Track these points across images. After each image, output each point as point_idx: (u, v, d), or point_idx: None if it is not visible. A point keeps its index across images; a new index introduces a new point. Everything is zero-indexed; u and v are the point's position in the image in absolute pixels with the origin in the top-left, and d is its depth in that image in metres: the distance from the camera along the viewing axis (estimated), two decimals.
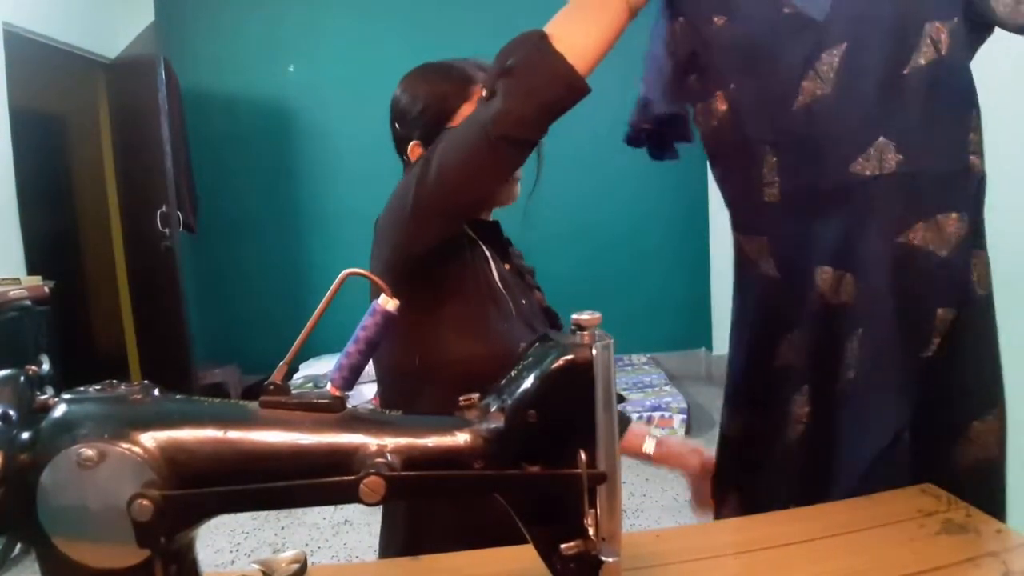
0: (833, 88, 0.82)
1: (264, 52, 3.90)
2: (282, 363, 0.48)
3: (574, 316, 0.50)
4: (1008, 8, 0.76)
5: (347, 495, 0.45)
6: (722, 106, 0.89)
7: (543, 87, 0.71)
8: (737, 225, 0.94)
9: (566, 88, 0.71)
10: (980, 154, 0.82)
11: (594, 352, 0.48)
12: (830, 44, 0.82)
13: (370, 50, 3.83)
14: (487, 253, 0.93)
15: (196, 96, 3.76)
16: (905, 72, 0.79)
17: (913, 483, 0.82)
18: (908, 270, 0.81)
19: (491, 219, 1.00)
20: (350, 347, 0.50)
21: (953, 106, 0.81)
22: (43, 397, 0.47)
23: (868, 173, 0.81)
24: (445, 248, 0.84)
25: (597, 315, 0.49)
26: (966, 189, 0.82)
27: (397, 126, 0.95)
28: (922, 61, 0.79)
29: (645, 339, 4.12)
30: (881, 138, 0.80)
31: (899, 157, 0.80)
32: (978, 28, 0.80)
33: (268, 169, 3.99)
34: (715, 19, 0.86)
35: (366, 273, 0.51)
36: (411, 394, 0.89)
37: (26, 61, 2.92)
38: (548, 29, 0.73)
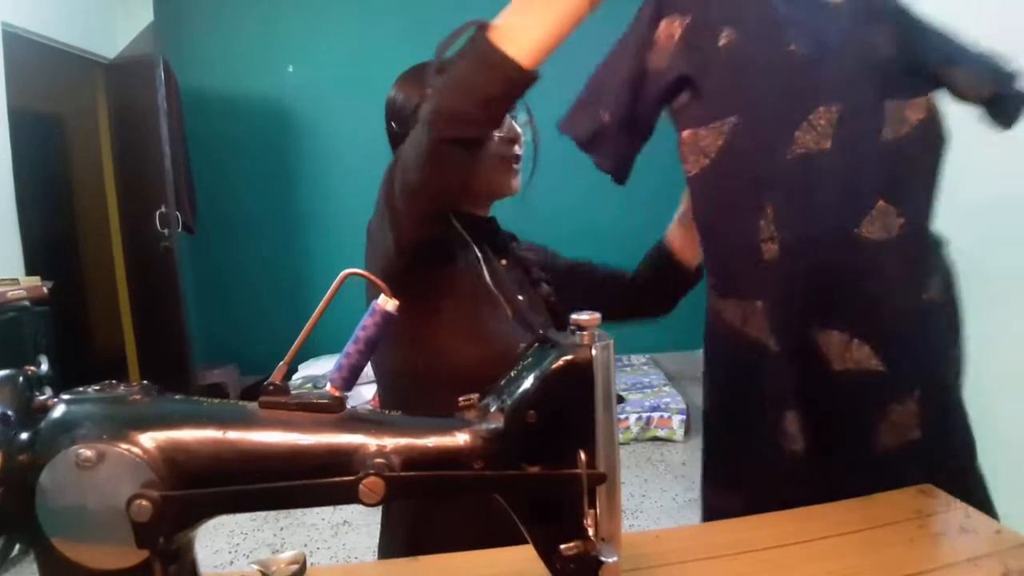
0: (833, 144, 0.79)
1: (263, 52, 3.89)
2: (281, 363, 0.48)
3: (573, 316, 0.50)
4: (969, 88, 0.81)
5: (346, 496, 0.44)
6: (718, 140, 0.80)
7: (477, 80, 0.67)
8: (724, 288, 0.84)
9: (502, 79, 0.67)
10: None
11: (594, 352, 0.48)
12: (828, 99, 0.79)
13: (369, 50, 3.83)
14: (478, 253, 0.91)
15: (195, 96, 3.76)
16: (894, 138, 0.80)
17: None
18: (936, 322, 0.83)
19: (487, 214, 0.99)
20: (349, 347, 0.50)
21: (935, 164, 0.83)
22: (42, 398, 0.47)
23: (876, 238, 0.79)
24: (432, 249, 0.83)
25: (596, 315, 0.49)
26: (935, 238, 0.85)
27: (393, 126, 0.95)
28: (907, 129, 0.80)
29: (644, 339, 4.12)
30: (881, 202, 0.80)
31: (901, 220, 0.80)
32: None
33: (267, 169, 3.99)
34: (724, 32, 0.79)
35: (366, 273, 0.51)
36: (407, 396, 0.88)
37: (25, 61, 2.92)
38: (495, 20, 0.68)
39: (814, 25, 0.81)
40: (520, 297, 0.93)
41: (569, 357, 0.48)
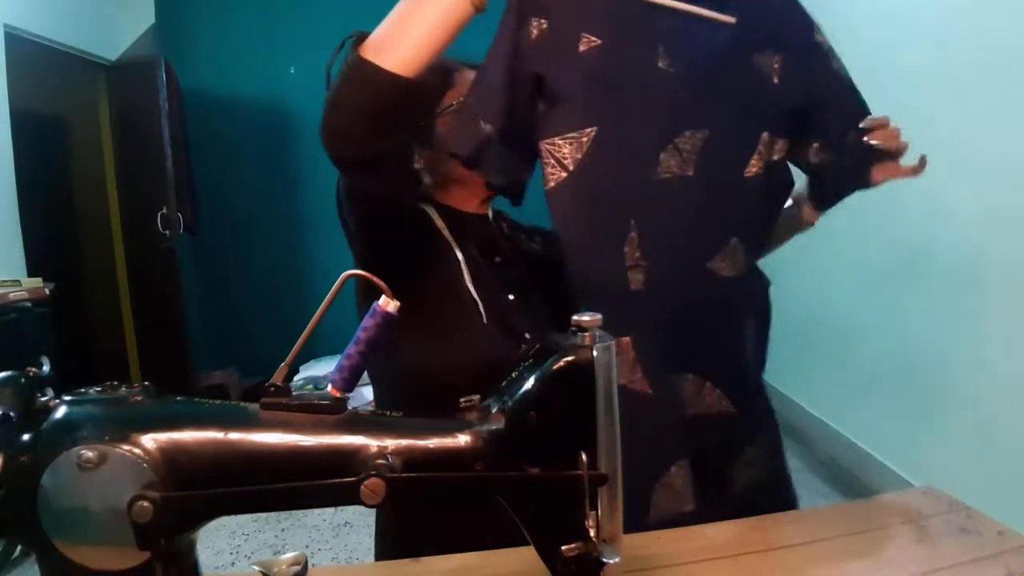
0: (696, 173, 0.75)
1: (265, 54, 3.90)
2: (283, 364, 0.48)
3: (574, 317, 0.50)
4: (807, 154, 0.83)
5: (348, 497, 0.44)
6: (577, 153, 0.73)
7: (348, 96, 0.65)
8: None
9: (372, 93, 0.64)
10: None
11: (595, 353, 0.48)
12: (695, 123, 0.75)
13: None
14: (459, 255, 0.88)
15: (197, 98, 3.76)
16: (747, 175, 0.78)
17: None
18: (750, 360, 0.82)
19: (484, 212, 0.96)
20: (350, 349, 0.50)
21: (778, 203, 0.85)
22: (43, 399, 0.47)
23: (726, 274, 0.77)
24: (404, 252, 0.83)
25: (598, 316, 0.49)
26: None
27: None
28: (757, 169, 0.78)
29: None
30: (734, 239, 0.77)
31: (746, 259, 0.79)
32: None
33: (269, 171, 3.99)
34: (584, 37, 0.71)
35: (366, 274, 0.51)
36: (392, 396, 0.89)
37: (27, 63, 2.92)
38: (370, 35, 0.66)
39: (691, 46, 0.75)
40: (511, 297, 0.90)
41: (570, 358, 0.48)
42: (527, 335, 0.86)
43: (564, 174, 0.73)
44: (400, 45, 0.63)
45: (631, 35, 0.73)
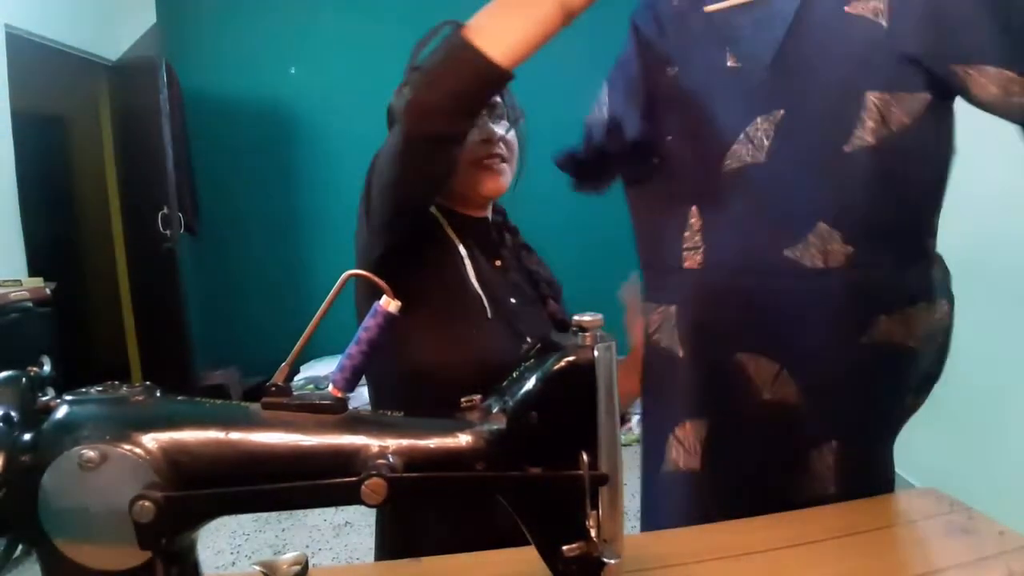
0: (768, 158, 0.73)
1: (266, 54, 3.90)
2: (284, 364, 0.48)
3: (576, 317, 0.50)
4: (997, 98, 0.63)
5: (349, 496, 0.44)
6: (655, 158, 0.82)
7: (449, 75, 0.69)
8: (647, 291, 0.85)
9: (474, 75, 0.68)
10: (935, 235, 0.74)
11: (596, 353, 0.48)
12: (767, 108, 0.74)
13: (372, 52, 3.83)
14: (462, 251, 0.90)
15: (198, 98, 3.76)
16: (847, 149, 0.69)
17: None
18: (875, 368, 0.73)
19: (483, 214, 0.97)
20: (352, 348, 0.50)
21: (915, 189, 0.70)
22: (44, 398, 0.47)
23: (809, 264, 0.71)
24: (409, 248, 0.83)
25: (599, 317, 0.49)
26: (928, 275, 0.74)
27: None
28: (868, 138, 0.67)
29: None
30: (822, 224, 0.70)
31: (848, 249, 0.70)
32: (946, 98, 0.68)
33: (269, 171, 3.99)
34: (668, 70, 0.81)
35: (367, 274, 0.51)
36: (390, 396, 0.88)
37: (28, 63, 2.93)
38: (470, 22, 0.69)
39: (757, 34, 0.75)
40: (512, 300, 0.92)
41: (571, 358, 0.48)
42: (528, 340, 0.86)
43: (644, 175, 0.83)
44: (503, 38, 0.68)
45: (701, 51, 0.79)
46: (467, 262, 0.89)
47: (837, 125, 0.69)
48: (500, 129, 0.91)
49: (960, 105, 0.69)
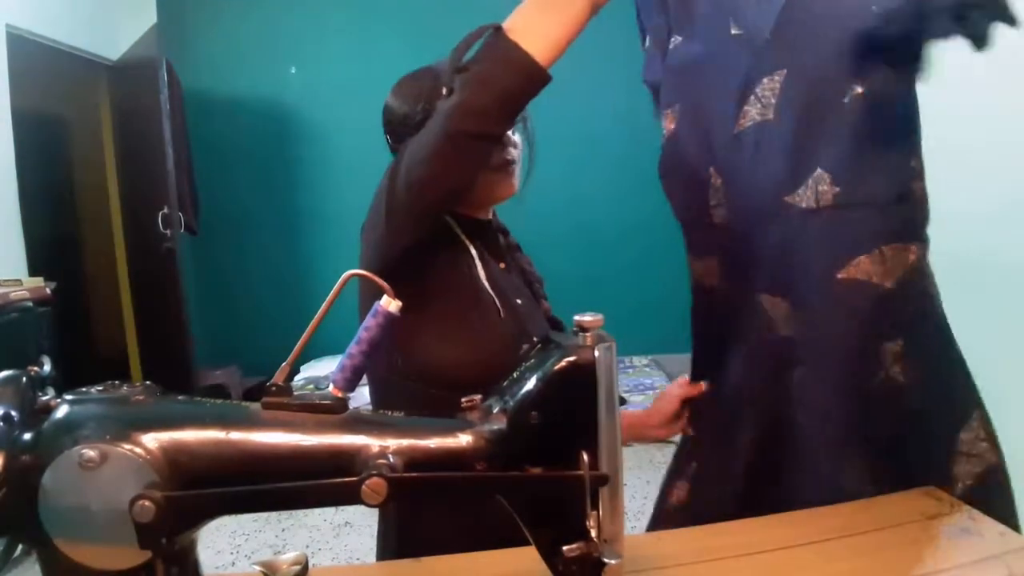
0: (775, 114, 0.81)
1: (266, 54, 3.90)
2: (284, 364, 0.48)
3: (576, 317, 0.50)
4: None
5: (349, 496, 0.44)
6: (671, 125, 0.90)
7: (499, 76, 0.70)
8: (689, 245, 0.94)
9: (524, 76, 0.70)
10: (922, 178, 0.80)
11: (596, 354, 0.48)
12: (770, 69, 0.81)
13: (372, 52, 3.83)
14: (474, 253, 0.91)
15: (198, 98, 3.76)
16: (845, 100, 0.77)
17: None
18: (851, 305, 0.79)
19: (488, 217, 0.98)
20: (352, 348, 0.50)
21: (891, 133, 0.79)
22: (45, 398, 0.47)
23: (804, 205, 0.80)
24: (424, 248, 0.83)
25: (599, 317, 0.49)
26: (910, 217, 0.80)
27: (389, 136, 0.95)
28: (859, 89, 0.77)
29: (647, 341, 4.11)
30: (818, 169, 0.79)
31: (835, 189, 0.78)
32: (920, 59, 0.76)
33: (269, 171, 4.00)
34: (673, 38, 0.89)
35: (368, 274, 0.51)
36: (394, 395, 0.88)
37: (29, 63, 2.93)
38: (506, 22, 0.72)
39: (759, 3, 0.83)
40: (519, 301, 0.93)
41: (572, 358, 0.48)
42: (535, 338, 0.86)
43: (666, 137, 0.92)
44: (542, 39, 0.70)
45: (705, 21, 0.87)
46: (478, 263, 0.90)
47: (835, 80, 0.78)
48: (513, 133, 0.93)
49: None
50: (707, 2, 0.87)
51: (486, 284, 0.89)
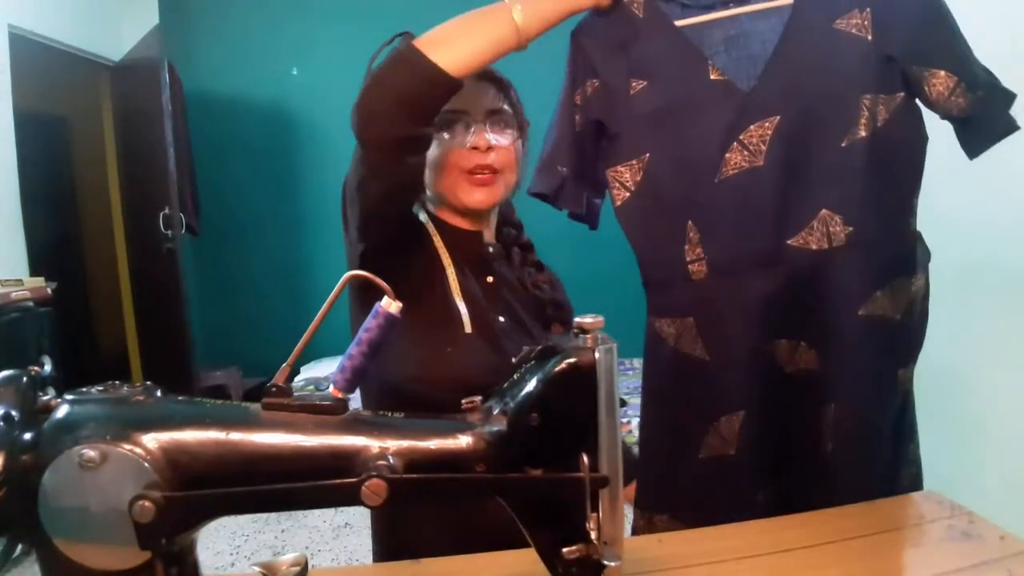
0: (766, 161, 0.80)
1: (267, 55, 3.90)
2: (284, 365, 0.48)
3: (577, 319, 0.50)
4: (941, 97, 0.79)
5: (349, 497, 0.44)
6: (636, 176, 0.85)
7: (393, 78, 0.71)
8: (659, 307, 0.87)
9: (420, 79, 0.70)
10: (915, 214, 0.84)
11: (597, 355, 0.48)
12: (760, 116, 0.80)
13: (372, 54, 3.84)
14: (448, 263, 0.87)
15: (199, 99, 3.76)
16: (844, 144, 0.79)
17: None
18: (875, 340, 0.81)
19: (477, 228, 0.94)
20: (352, 349, 0.50)
21: (898, 174, 0.81)
22: (45, 398, 0.47)
23: (815, 247, 0.80)
24: (396, 254, 0.83)
25: (600, 319, 0.49)
26: (913, 250, 0.84)
27: None
28: (862, 133, 0.79)
29: None
30: (824, 211, 0.80)
31: (848, 229, 0.79)
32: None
33: (271, 172, 4.00)
34: (633, 82, 0.84)
35: (370, 276, 0.51)
36: (372, 404, 0.87)
37: (31, 63, 2.93)
38: (423, 34, 0.73)
39: (745, 45, 0.82)
40: (501, 319, 0.88)
41: (572, 360, 0.48)
42: (513, 360, 0.84)
43: (627, 194, 0.86)
44: (451, 49, 0.72)
45: (677, 64, 0.83)
46: (451, 275, 0.87)
47: (836, 124, 0.80)
48: (503, 139, 0.88)
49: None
50: (678, 46, 0.83)
51: (456, 298, 0.85)
